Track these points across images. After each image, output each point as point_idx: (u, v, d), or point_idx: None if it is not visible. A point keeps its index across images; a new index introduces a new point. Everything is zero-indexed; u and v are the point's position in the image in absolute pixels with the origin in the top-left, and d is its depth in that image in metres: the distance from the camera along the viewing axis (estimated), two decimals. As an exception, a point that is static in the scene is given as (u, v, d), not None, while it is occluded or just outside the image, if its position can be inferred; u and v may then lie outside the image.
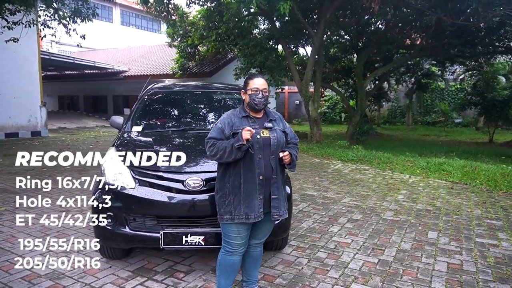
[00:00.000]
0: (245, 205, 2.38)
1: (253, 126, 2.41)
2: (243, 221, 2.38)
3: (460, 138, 17.44)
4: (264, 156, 2.38)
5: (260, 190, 2.38)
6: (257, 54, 12.75)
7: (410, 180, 6.82)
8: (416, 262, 3.32)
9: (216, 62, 18.87)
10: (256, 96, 2.43)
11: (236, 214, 2.40)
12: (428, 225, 4.31)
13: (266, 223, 2.51)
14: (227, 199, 2.43)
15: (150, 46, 24.94)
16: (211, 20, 13.64)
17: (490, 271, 3.14)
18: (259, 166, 2.37)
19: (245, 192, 2.38)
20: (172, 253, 3.46)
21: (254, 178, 2.37)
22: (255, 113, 2.51)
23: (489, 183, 6.26)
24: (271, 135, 2.42)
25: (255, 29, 14.81)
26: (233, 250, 2.50)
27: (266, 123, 2.48)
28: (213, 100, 4.24)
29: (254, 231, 2.54)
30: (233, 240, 2.47)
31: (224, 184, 2.46)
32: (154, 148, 3.14)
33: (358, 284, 2.93)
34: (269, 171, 2.40)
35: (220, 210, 2.47)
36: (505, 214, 4.74)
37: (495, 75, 16.24)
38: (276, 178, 2.43)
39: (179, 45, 16.55)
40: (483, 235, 3.99)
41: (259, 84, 2.46)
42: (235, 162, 2.38)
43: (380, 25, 15.44)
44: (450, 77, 22.05)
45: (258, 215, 2.38)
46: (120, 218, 2.90)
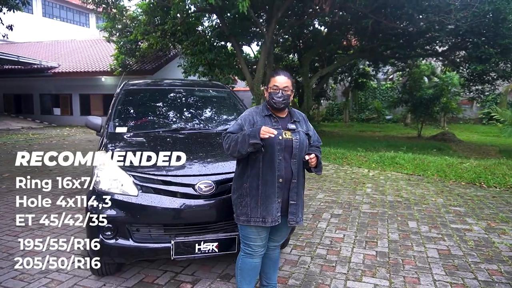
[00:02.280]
0: (263, 208, 2.26)
1: (276, 126, 2.29)
2: (260, 224, 2.27)
3: (392, 133, 18.94)
4: (285, 159, 2.27)
5: (279, 193, 2.27)
6: (206, 51, 12.48)
7: (370, 174, 7.20)
8: (410, 251, 3.50)
9: (158, 59, 18.13)
10: (275, 95, 2.30)
11: (252, 216, 2.29)
12: (405, 215, 4.58)
13: (284, 225, 2.41)
14: (244, 200, 2.31)
15: (81, 41, 23.08)
16: (154, 15, 13.05)
17: (475, 254, 3.43)
18: (279, 169, 2.26)
19: (263, 195, 2.26)
20: (168, 262, 3.22)
21: (274, 180, 2.25)
22: (278, 112, 2.37)
23: (439, 173, 6.87)
24: (294, 138, 2.31)
25: (202, 26, 14.51)
26: (254, 252, 2.39)
27: (290, 124, 2.36)
28: (198, 98, 4.03)
29: (271, 234, 2.45)
30: (253, 242, 2.37)
31: (242, 184, 2.34)
32: (153, 150, 2.87)
33: (368, 277, 3.00)
34: (289, 175, 2.29)
35: (237, 211, 2.36)
36: (464, 201, 5.23)
37: (421, 75, 17.97)
38: (296, 182, 2.32)
39: (118, 40, 15.57)
40: (455, 221, 4.35)
41: (280, 82, 2.31)
42: (254, 162, 2.27)
43: (321, 26, 16.17)
44: (381, 77, 23.83)
45: (276, 219, 2.27)
46: (122, 230, 2.61)
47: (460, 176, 6.59)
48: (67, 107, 20.43)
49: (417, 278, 2.98)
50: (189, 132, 3.39)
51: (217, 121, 3.75)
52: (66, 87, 19.79)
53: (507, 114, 9.88)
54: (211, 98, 4.07)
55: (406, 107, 19.16)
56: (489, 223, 4.27)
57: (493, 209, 4.80)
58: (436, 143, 14.33)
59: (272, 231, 2.43)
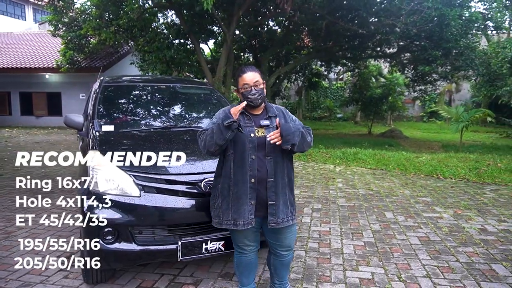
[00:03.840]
0: (234, 210, 2.20)
1: (248, 124, 2.24)
2: (231, 227, 2.23)
3: (344, 131, 19.82)
4: (259, 157, 2.20)
5: (251, 194, 2.18)
6: (164, 49, 12.13)
7: (337, 169, 7.49)
8: (394, 240, 3.71)
9: (109, 56, 17.26)
10: (249, 94, 2.21)
11: (224, 219, 2.24)
12: (380, 207, 4.84)
13: (284, 229, 2.30)
14: (216, 201, 2.29)
15: (19, 34, 21.22)
16: (106, 9, 12.42)
17: (451, 239, 3.73)
18: (252, 168, 2.18)
19: (234, 196, 2.20)
20: (163, 265, 3.12)
21: (245, 180, 2.18)
22: (253, 110, 2.30)
23: (400, 167, 7.33)
24: (267, 134, 2.19)
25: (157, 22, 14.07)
26: (244, 251, 2.41)
27: (262, 120, 2.27)
28: (183, 95, 3.92)
29: (276, 240, 2.37)
30: (241, 243, 2.38)
31: (216, 185, 2.32)
32: (151, 149, 2.75)
33: (364, 266, 3.13)
34: (264, 174, 2.20)
35: (211, 213, 2.35)
36: (428, 191, 5.64)
37: (370, 76, 19.02)
38: (274, 181, 2.21)
39: (65, 35, 14.57)
40: (426, 210, 4.68)
41: (249, 79, 2.22)
42: (225, 161, 2.22)
43: (274, 27, 16.46)
44: (332, 77, 24.82)
45: (248, 221, 2.20)
46: (124, 233, 2.47)
47: (419, 169, 7.09)
48: (4, 106, 18.69)
49: (408, 264, 3.17)
50: (181, 130, 3.29)
51: (206, 118, 3.67)
52: (4, 84, 18.10)
53: (452, 112, 10.80)
54: (196, 95, 3.98)
55: (357, 105, 20.20)
56: (455, 210, 4.65)
57: (454, 198, 5.23)
58: (386, 140, 15.24)
59: (277, 237, 2.36)
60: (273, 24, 16.21)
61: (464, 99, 22.56)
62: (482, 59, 12.33)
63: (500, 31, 12.71)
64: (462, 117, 9.78)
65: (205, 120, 3.67)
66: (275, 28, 16.36)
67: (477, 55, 11.69)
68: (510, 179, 6.22)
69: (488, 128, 19.60)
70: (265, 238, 2.48)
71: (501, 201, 5.09)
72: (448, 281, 2.88)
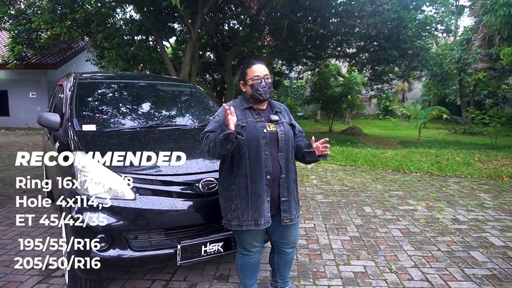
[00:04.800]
0: (254, 209, 2.16)
1: (258, 119, 2.22)
2: (252, 227, 2.18)
3: (306, 129, 19.92)
4: (271, 154, 2.18)
5: (267, 191, 2.17)
6: (125, 45, 11.64)
7: (308, 166, 7.60)
8: (377, 233, 3.83)
9: (62, 52, 16.23)
10: (259, 85, 2.20)
11: (244, 220, 2.17)
12: (357, 202, 4.97)
13: (290, 226, 2.31)
14: (234, 203, 2.21)
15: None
16: (59, 2, 11.66)
17: (429, 229, 3.92)
18: (266, 164, 2.16)
19: (253, 194, 2.15)
20: (152, 270, 2.98)
21: (262, 178, 2.15)
22: (259, 104, 2.28)
23: (368, 163, 7.60)
24: (278, 129, 2.22)
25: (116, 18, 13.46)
26: (251, 253, 2.36)
27: (272, 115, 2.27)
28: (164, 93, 3.76)
29: (282, 237, 2.37)
30: (248, 246, 2.33)
31: (229, 186, 2.23)
32: (141, 149, 2.61)
33: (355, 260, 3.20)
34: (277, 170, 2.19)
35: (227, 215, 2.25)
36: (398, 185, 5.90)
37: (330, 75, 19.58)
38: (286, 177, 2.22)
39: (13, 28, 13.50)
40: (400, 203, 4.88)
41: (260, 71, 2.22)
42: (239, 160, 2.17)
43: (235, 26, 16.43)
44: (293, 76, 25.21)
45: (267, 220, 2.18)
46: (118, 239, 2.32)
47: (386, 164, 7.40)
48: None
49: (395, 256, 3.28)
50: (169, 129, 3.16)
51: (192, 117, 3.56)
52: None
53: (411, 110, 11.39)
54: (178, 92, 3.84)
55: (318, 104, 20.69)
56: (427, 202, 4.90)
57: (424, 191, 5.52)
58: (347, 137, 15.76)
59: (282, 234, 2.35)
60: (233, 22, 16.16)
61: (416, 98, 23.94)
62: (435, 60, 13.14)
63: (449, 34, 13.59)
64: (420, 115, 10.34)
65: (189, 118, 3.57)
66: (237, 26, 16.32)
67: (431, 56, 12.44)
68: (468, 172, 6.67)
69: (437, 125, 20.92)
70: (270, 237, 2.45)
71: (465, 192, 5.44)
72: (435, 269, 3.01)
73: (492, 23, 7.75)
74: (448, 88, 14.18)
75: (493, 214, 4.41)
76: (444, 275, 2.91)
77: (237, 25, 16.38)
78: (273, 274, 2.59)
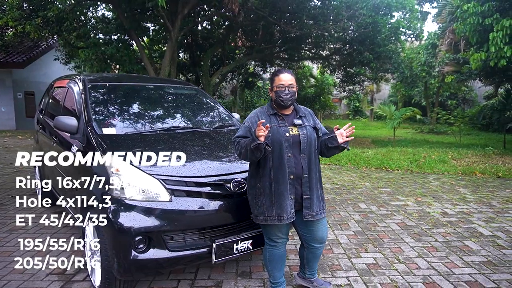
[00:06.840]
0: (277, 206, 2.35)
1: (282, 124, 2.41)
2: (276, 222, 2.37)
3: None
4: (294, 155, 2.36)
5: (291, 190, 2.35)
6: (102, 45, 11.34)
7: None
8: (377, 227, 4.08)
9: (29, 51, 15.51)
10: (282, 93, 2.39)
11: (269, 215, 2.38)
12: (351, 199, 5.23)
13: (316, 222, 2.49)
14: (259, 200, 2.41)
15: None
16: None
17: (423, 223, 4.23)
18: (289, 165, 2.34)
19: (276, 193, 2.35)
20: (175, 270, 3.03)
21: (285, 177, 2.33)
22: (283, 110, 2.47)
23: (351, 162, 7.94)
24: (301, 133, 2.39)
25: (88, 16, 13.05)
26: (277, 244, 2.53)
27: (295, 119, 2.45)
28: (175, 95, 3.80)
29: (308, 232, 2.53)
30: (275, 237, 2.51)
31: (255, 184, 2.43)
32: (169, 150, 2.67)
33: (364, 253, 3.42)
34: (300, 170, 2.37)
35: (254, 211, 2.46)
36: (385, 183, 6.24)
37: (304, 76, 20.05)
38: (308, 177, 2.39)
39: (-25, 25, 12.75)
40: (391, 200, 5.19)
41: (285, 80, 2.41)
42: (264, 161, 2.36)
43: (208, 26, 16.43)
44: (266, 77, 25.48)
45: (291, 215, 2.36)
46: (156, 240, 2.38)
47: (368, 163, 7.77)
48: None
49: (399, 248, 3.53)
50: (190, 131, 3.22)
51: (205, 119, 3.63)
52: None
53: (387, 110, 11.95)
54: (187, 95, 3.89)
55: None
56: (416, 198, 5.25)
57: (409, 187, 5.88)
58: (322, 137, 16.22)
59: (310, 230, 2.51)
60: (207, 23, 16.16)
61: (383, 99, 24.99)
62: (406, 63, 13.85)
63: (417, 39, 14.34)
64: (394, 115, 10.89)
65: (202, 120, 3.64)
66: (210, 27, 16.31)
67: (402, 59, 13.11)
68: (445, 169, 7.16)
69: (404, 125, 21.96)
70: (299, 233, 2.60)
71: (446, 188, 5.86)
72: (437, 258, 3.29)
73: (461, 30, 8.33)
74: (413, 90, 14.98)
75: (475, 207, 4.82)
76: (447, 263, 3.19)
77: (211, 26, 16.39)
78: (302, 266, 2.76)
